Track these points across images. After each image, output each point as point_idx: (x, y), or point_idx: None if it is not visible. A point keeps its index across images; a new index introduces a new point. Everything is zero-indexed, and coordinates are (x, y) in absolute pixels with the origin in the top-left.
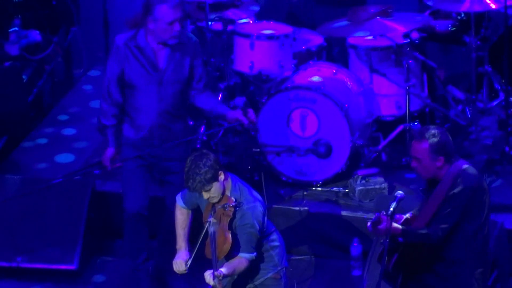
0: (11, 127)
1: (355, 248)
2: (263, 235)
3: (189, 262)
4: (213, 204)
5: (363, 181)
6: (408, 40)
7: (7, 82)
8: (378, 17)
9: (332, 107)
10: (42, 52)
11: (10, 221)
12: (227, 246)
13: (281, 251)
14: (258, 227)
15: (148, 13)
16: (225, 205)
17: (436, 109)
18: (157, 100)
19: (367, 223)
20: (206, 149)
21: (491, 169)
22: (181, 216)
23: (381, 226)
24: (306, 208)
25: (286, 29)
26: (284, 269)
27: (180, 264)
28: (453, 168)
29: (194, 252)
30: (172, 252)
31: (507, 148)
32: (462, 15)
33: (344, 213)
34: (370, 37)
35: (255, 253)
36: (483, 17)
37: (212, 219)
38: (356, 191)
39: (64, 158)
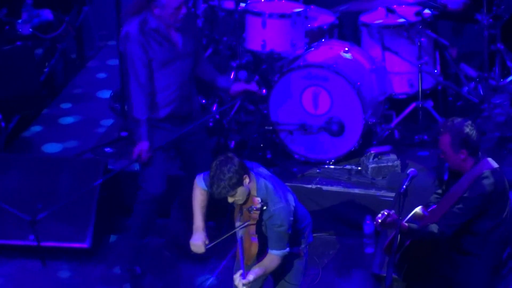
0: (23, 106)
1: (368, 225)
2: (295, 224)
3: (209, 246)
4: (241, 206)
5: (376, 159)
6: (420, 18)
7: (19, 61)
8: None
9: (345, 85)
10: (54, 31)
11: (23, 199)
12: (254, 250)
13: (308, 231)
14: (287, 226)
15: None
16: (250, 208)
17: (448, 87)
18: (180, 74)
19: (376, 220)
20: (231, 153)
21: (503, 146)
22: (201, 196)
23: (389, 220)
24: (318, 186)
25: (298, 7)
26: (307, 246)
27: (199, 246)
28: (476, 169)
29: (217, 241)
30: (185, 231)
31: None
32: None
33: (356, 190)
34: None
35: (287, 249)
36: None
37: (239, 223)
38: (369, 169)
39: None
